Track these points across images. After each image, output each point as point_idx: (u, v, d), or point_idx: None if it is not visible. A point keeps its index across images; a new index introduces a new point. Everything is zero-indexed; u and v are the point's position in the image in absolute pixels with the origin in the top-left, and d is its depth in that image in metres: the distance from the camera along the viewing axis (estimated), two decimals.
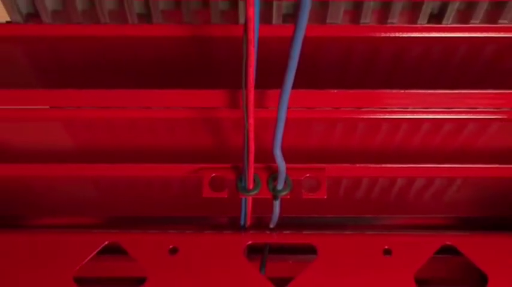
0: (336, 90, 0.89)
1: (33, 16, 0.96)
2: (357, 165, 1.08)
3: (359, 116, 1.11)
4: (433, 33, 0.95)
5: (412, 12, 0.95)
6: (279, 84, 0.71)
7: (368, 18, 0.94)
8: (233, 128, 1.09)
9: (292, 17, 0.97)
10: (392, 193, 1.26)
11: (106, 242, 1.19)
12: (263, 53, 0.71)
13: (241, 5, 0.94)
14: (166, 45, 0.94)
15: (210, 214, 1.27)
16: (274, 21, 0.96)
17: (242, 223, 1.20)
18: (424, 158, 1.09)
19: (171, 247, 1.18)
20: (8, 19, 0.95)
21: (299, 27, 0.61)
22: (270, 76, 0.75)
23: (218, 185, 1.07)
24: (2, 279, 1.17)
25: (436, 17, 0.95)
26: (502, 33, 0.96)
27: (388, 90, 0.90)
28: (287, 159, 0.92)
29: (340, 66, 0.94)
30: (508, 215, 1.27)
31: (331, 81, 0.90)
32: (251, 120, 0.83)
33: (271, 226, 1.19)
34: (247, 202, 1.11)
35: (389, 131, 1.11)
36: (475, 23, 0.96)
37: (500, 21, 0.96)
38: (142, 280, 1.17)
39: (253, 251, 1.24)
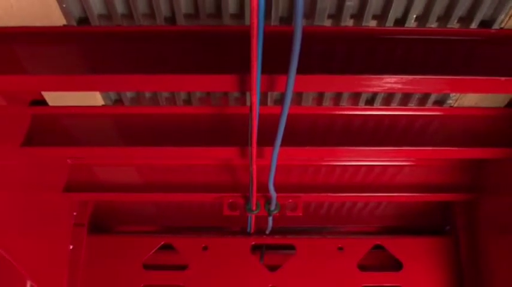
0: (307, 148, 0.87)
1: (118, 101, 0.93)
2: (321, 194, 1.05)
3: (321, 163, 1.08)
4: (368, 111, 0.92)
5: (355, 98, 0.91)
6: (271, 143, 0.69)
7: (327, 102, 0.91)
8: (243, 171, 1.06)
9: (280, 101, 0.94)
10: (343, 211, 1.22)
11: (163, 242, 1.15)
12: (261, 124, 0.70)
13: (248, 94, 0.91)
14: (201, 119, 0.92)
15: (228, 225, 1.21)
16: (268, 104, 0.92)
17: (248, 230, 1.15)
18: (363, 189, 1.06)
19: (203, 245, 1.14)
20: (103, 103, 0.92)
21: (284, 108, 0.60)
22: (266, 137, 0.72)
23: (233, 207, 1.04)
24: (98, 265, 1.13)
25: (370, 101, 0.92)
26: (410, 111, 0.93)
27: (340, 148, 0.87)
28: (277, 190, 0.90)
29: (309, 132, 0.90)
30: (416, 225, 1.21)
31: (304, 141, 0.87)
32: (254, 167, 0.81)
33: (267, 232, 1.15)
34: (252, 218, 1.08)
35: (341, 173, 1.08)
36: (393, 105, 0.92)
37: (409, 104, 0.92)
38: (185, 267, 1.13)
39: (255, 248, 1.18)
